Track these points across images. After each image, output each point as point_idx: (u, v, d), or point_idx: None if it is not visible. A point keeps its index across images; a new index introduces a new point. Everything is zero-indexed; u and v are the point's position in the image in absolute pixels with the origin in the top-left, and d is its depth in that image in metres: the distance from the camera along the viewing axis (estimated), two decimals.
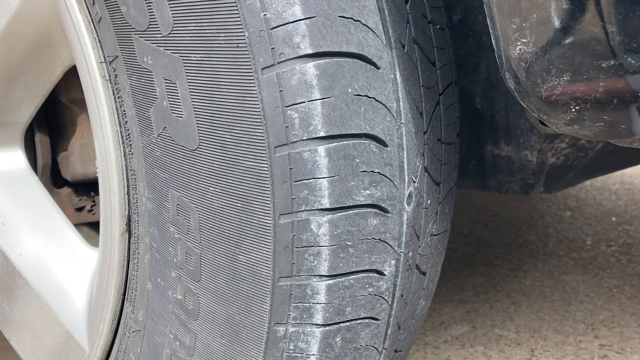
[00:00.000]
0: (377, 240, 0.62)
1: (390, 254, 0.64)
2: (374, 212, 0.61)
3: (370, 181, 0.60)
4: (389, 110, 0.61)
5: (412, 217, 0.64)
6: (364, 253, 0.62)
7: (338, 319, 0.63)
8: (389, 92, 0.61)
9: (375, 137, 0.60)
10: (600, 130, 0.49)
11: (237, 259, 0.64)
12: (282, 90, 0.56)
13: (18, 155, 1.04)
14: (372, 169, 0.60)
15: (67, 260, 0.98)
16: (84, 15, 0.72)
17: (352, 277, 0.62)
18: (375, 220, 0.61)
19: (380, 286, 0.64)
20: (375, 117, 0.60)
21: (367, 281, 0.63)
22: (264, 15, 0.55)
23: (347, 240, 0.60)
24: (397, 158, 0.61)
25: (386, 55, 0.61)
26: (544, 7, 0.45)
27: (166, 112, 0.64)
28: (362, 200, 0.60)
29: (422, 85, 0.65)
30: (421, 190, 0.65)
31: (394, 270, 0.65)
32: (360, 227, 0.61)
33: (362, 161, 0.59)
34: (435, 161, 0.68)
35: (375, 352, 0.69)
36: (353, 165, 0.59)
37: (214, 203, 0.64)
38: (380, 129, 0.60)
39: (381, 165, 0.60)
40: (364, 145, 0.59)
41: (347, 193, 0.59)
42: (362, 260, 0.62)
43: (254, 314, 0.64)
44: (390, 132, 0.61)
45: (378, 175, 0.60)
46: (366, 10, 0.59)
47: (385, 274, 0.64)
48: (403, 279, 0.67)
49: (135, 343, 0.80)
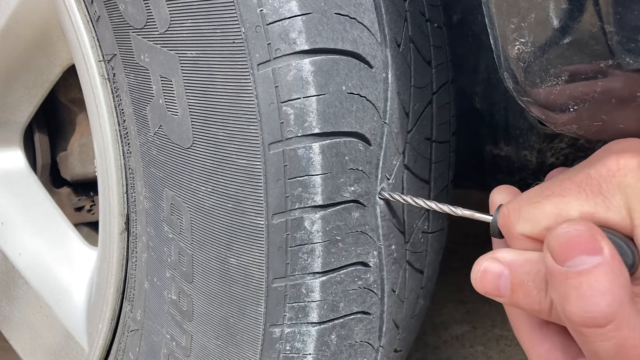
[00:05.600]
0: (360, 232, 0.62)
1: (371, 245, 0.64)
2: (355, 205, 0.61)
3: (354, 178, 0.60)
4: (377, 110, 0.61)
5: (386, 211, 0.64)
6: (350, 246, 0.62)
7: (332, 315, 0.63)
8: (379, 92, 0.61)
9: (362, 136, 0.60)
10: (598, 130, 0.49)
11: (228, 262, 0.63)
12: (278, 86, 0.56)
13: (17, 154, 1.04)
14: (357, 166, 0.60)
15: (67, 259, 0.98)
16: (82, 14, 0.72)
17: (343, 271, 0.62)
18: (357, 213, 0.61)
19: (367, 278, 0.65)
20: (364, 117, 0.60)
21: (355, 274, 0.63)
22: (260, 10, 0.55)
23: (337, 235, 0.60)
24: (376, 156, 0.62)
25: (380, 54, 0.61)
26: (542, 7, 0.45)
27: (162, 110, 0.64)
28: (348, 196, 0.60)
29: (412, 85, 0.65)
30: (396, 187, 0.65)
31: (378, 262, 0.65)
32: (347, 221, 0.61)
33: (351, 159, 0.59)
34: (421, 159, 0.69)
35: (371, 348, 0.69)
36: (343, 163, 0.59)
37: (205, 203, 0.63)
38: (367, 128, 0.60)
39: (363, 163, 0.61)
40: (353, 143, 0.59)
41: (337, 189, 0.59)
42: (350, 254, 0.62)
43: (249, 316, 0.64)
44: (375, 131, 0.61)
45: (360, 172, 0.61)
46: (362, 8, 0.59)
47: (371, 266, 0.64)
48: (390, 273, 0.67)
49: (134, 342, 0.80)
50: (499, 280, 0.45)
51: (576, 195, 0.43)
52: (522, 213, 0.45)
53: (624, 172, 0.42)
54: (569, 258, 0.39)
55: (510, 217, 0.46)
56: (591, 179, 0.43)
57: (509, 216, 0.46)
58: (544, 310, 0.44)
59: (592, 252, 0.39)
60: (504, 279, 0.45)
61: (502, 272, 0.45)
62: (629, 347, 0.38)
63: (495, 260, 0.45)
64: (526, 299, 0.44)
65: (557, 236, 0.40)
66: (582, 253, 0.39)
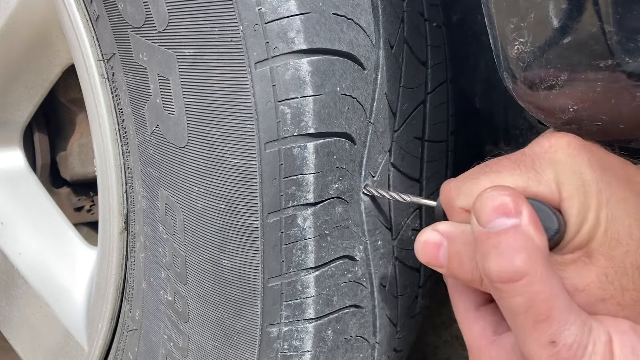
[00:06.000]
0: (344, 226, 0.63)
1: (356, 239, 0.65)
2: (338, 200, 0.62)
3: (339, 175, 0.61)
4: (365, 111, 0.62)
5: (371, 207, 0.65)
6: (337, 239, 0.63)
7: (327, 309, 0.64)
8: (368, 93, 0.62)
9: (349, 136, 0.61)
10: (598, 130, 0.49)
11: (222, 264, 0.63)
12: (275, 84, 0.56)
13: (17, 154, 1.04)
14: (342, 165, 0.61)
15: (66, 259, 0.98)
16: (81, 14, 0.72)
17: (333, 264, 0.63)
18: (340, 208, 0.62)
19: (356, 272, 0.65)
20: (353, 117, 0.60)
21: (344, 267, 0.64)
22: (259, 9, 0.55)
23: (326, 230, 0.61)
24: (359, 154, 0.63)
25: (373, 55, 0.61)
26: (542, 7, 0.45)
27: (159, 109, 0.64)
28: (333, 193, 0.61)
29: (402, 86, 0.66)
30: (383, 184, 0.66)
31: (364, 256, 0.66)
32: (332, 215, 0.61)
33: (338, 158, 0.60)
34: (410, 158, 0.69)
35: (366, 344, 0.69)
36: (332, 162, 0.60)
37: (198, 203, 0.63)
38: (354, 128, 0.61)
39: (348, 162, 0.61)
40: (341, 143, 0.60)
41: (325, 187, 0.60)
42: (337, 247, 0.63)
43: (245, 317, 0.64)
44: (360, 131, 0.62)
45: (344, 170, 0.61)
46: (359, 9, 0.59)
47: (357, 259, 0.65)
48: (377, 267, 0.67)
49: (133, 342, 0.80)
50: (438, 250, 0.49)
51: (511, 171, 0.47)
52: (462, 189, 0.49)
53: (554, 148, 0.46)
54: (491, 220, 0.42)
55: (452, 192, 0.49)
56: (525, 156, 0.47)
57: (450, 192, 0.50)
58: (475, 279, 0.47)
59: (511, 214, 0.42)
60: (442, 249, 0.48)
61: (442, 242, 0.48)
62: (539, 301, 0.41)
63: (435, 232, 0.49)
64: (460, 268, 0.48)
65: (481, 200, 0.43)
66: (502, 215, 0.42)
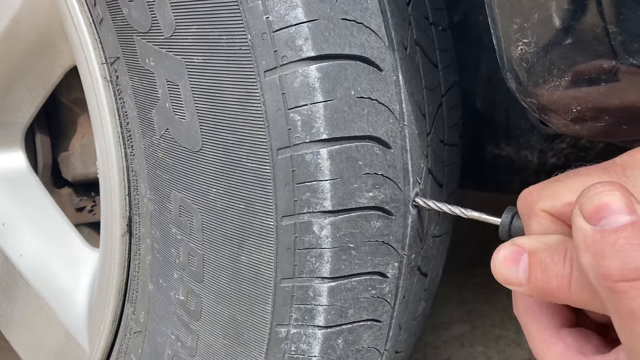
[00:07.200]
0: (381, 242, 0.62)
1: (393, 257, 0.63)
2: (377, 214, 0.61)
3: (373, 183, 0.60)
4: (392, 112, 0.61)
5: (416, 220, 0.64)
6: (366, 255, 0.62)
7: (340, 321, 0.63)
8: (391, 94, 0.61)
9: (378, 139, 0.60)
10: (601, 131, 0.49)
11: (239, 260, 0.64)
12: (285, 92, 0.56)
13: (18, 155, 1.03)
14: (375, 171, 0.59)
15: (68, 260, 0.98)
16: (85, 16, 0.72)
17: (355, 279, 0.62)
18: (379, 223, 0.61)
19: (383, 288, 0.64)
20: (378, 119, 0.59)
21: (369, 283, 0.63)
22: (266, 18, 0.55)
23: (350, 243, 0.60)
24: (400, 160, 0.61)
25: (389, 57, 0.60)
26: (545, 8, 0.45)
27: (169, 113, 0.64)
28: (365, 202, 0.60)
29: (424, 87, 0.65)
30: (425, 192, 0.65)
31: (397, 273, 0.65)
32: (363, 230, 0.60)
33: (365, 163, 0.59)
34: (439, 163, 0.68)
35: (377, 353, 0.69)
36: (356, 168, 0.58)
37: (217, 204, 0.64)
38: (383, 130, 0.60)
39: (384, 167, 0.60)
40: (367, 147, 0.59)
41: (350, 195, 0.59)
42: (365, 263, 0.62)
43: (256, 315, 0.64)
44: (393, 134, 0.61)
45: (381, 177, 0.60)
46: (369, 13, 0.59)
47: (389, 277, 0.64)
48: (405, 281, 0.66)
49: (136, 344, 0.80)
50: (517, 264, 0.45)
51: (600, 176, 0.44)
52: (544, 191, 0.46)
53: None
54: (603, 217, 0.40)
55: (532, 195, 0.46)
56: (616, 165, 0.44)
57: (531, 195, 0.46)
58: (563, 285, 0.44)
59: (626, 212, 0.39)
60: (522, 262, 0.45)
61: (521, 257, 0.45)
62: None
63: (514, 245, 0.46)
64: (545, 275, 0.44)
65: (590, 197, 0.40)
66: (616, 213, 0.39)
